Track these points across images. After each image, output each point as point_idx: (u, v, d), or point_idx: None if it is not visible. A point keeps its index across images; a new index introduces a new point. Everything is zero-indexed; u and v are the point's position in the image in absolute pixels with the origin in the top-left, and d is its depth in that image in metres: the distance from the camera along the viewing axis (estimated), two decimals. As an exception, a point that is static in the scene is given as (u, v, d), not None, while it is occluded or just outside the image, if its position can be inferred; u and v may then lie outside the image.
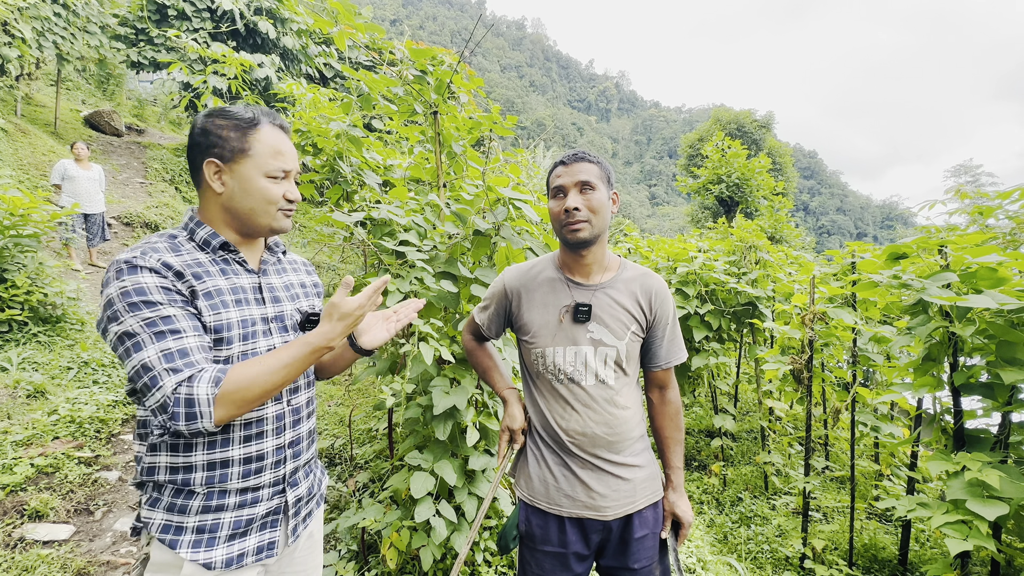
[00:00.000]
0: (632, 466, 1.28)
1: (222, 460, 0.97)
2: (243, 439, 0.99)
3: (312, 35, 10.20)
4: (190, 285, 0.94)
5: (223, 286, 1.00)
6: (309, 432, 1.15)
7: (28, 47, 7.86)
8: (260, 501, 1.02)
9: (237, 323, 0.99)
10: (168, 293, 0.91)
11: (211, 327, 0.95)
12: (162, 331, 0.88)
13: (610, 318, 1.27)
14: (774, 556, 2.95)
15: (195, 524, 0.96)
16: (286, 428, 1.06)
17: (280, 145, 1.03)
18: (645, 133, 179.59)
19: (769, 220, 11.30)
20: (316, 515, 1.20)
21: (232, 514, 0.99)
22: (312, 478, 1.17)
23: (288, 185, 1.05)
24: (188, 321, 0.91)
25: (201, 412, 0.86)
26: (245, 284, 1.05)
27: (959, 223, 2.63)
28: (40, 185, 7.25)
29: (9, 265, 4.03)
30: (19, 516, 2.35)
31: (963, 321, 1.86)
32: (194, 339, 0.91)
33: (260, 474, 1.01)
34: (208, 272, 0.99)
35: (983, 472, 1.72)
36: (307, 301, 1.19)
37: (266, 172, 1.00)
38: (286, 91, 3.23)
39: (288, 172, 1.04)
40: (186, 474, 0.95)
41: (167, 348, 0.87)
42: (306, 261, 1.29)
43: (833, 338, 2.91)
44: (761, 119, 23.94)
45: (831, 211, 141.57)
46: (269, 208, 1.02)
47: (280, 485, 1.05)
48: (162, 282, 0.91)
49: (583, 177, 1.23)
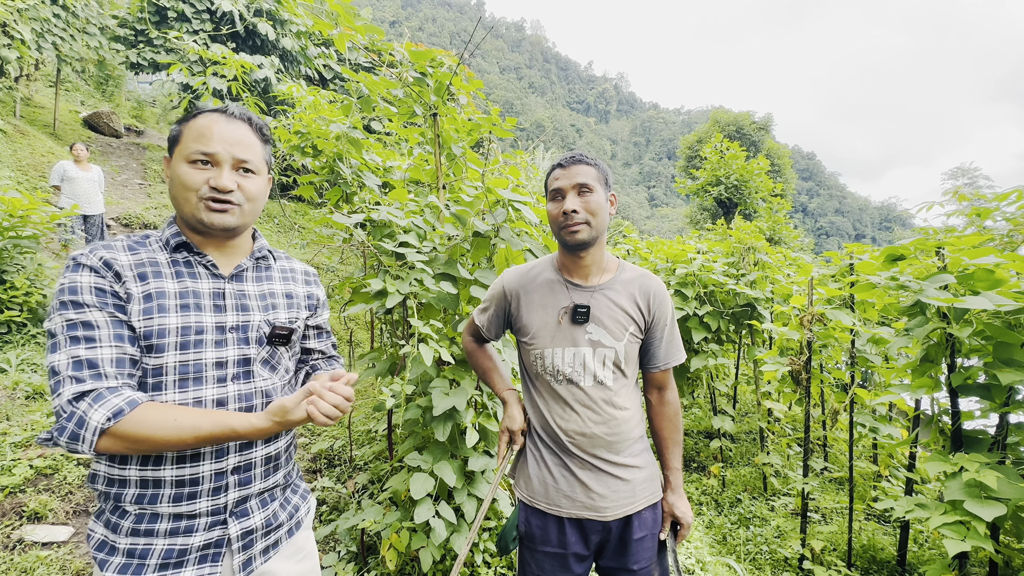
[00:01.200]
0: (631, 467, 1.29)
1: (154, 479, 0.89)
2: (176, 459, 0.90)
3: (311, 37, 10.21)
4: (127, 288, 0.89)
5: (169, 289, 0.93)
6: (267, 458, 1.01)
7: (27, 48, 7.86)
8: (196, 531, 0.92)
9: (175, 330, 0.91)
10: (100, 295, 0.87)
11: (140, 332, 0.89)
12: (78, 336, 0.84)
13: (609, 319, 1.27)
14: (773, 557, 2.95)
15: (126, 546, 0.89)
16: (229, 452, 0.95)
17: (206, 128, 0.94)
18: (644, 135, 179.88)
19: (768, 221, 11.33)
20: (288, 546, 1.06)
21: (164, 541, 0.90)
22: (271, 508, 1.03)
23: (215, 172, 0.94)
24: (111, 329, 0.86)
25: (84, 437, 0.80)
26: (203, 289, 0.96)
27: (957, 225, 2.64)
28: (39, 186, 7.25)
29: (8, 266, 4.02)
30: (18, 518, 2.35)
31: (960, 322, 1.87)
32: (110, 350, 0.85)
33: (194, 500, 0.91)
34: (159, 274, 0.93)
35: (981, 473, 1.73)
36: (288, 313, 1.07)
37: (186, 157, 0.93)
38: (286, 93, 3.23)
39: (211, 155, 0.93)
40: (120, 488, 0.89)
41: (77, 355, 0.83)
42: (309, 271, 1.19)
43: (831, 339, 2.92)
44: (760, 121, 24.00)
45: (829, 212, 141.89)
46: (188, 196, 0.93)
47: (221, 515, 0.94)
48: (97, 282, 0.87)
49: (581, 179, 1.24)
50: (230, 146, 0.95)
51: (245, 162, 0.97)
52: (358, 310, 1.93)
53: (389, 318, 2.68)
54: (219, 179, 0.93)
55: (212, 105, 1.01)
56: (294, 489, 1.13)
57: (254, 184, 0.99)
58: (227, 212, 0.95)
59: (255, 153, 0.99)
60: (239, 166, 0.97)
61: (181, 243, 0.97)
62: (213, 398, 0.93)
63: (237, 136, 0.96)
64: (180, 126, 0.96)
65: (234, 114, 0.98)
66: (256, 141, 1.00)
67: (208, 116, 0.96)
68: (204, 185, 0.93)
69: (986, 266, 1.89)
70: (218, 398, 0.94)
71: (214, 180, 0.93)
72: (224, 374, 0.95)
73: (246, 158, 0.97)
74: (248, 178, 0.98)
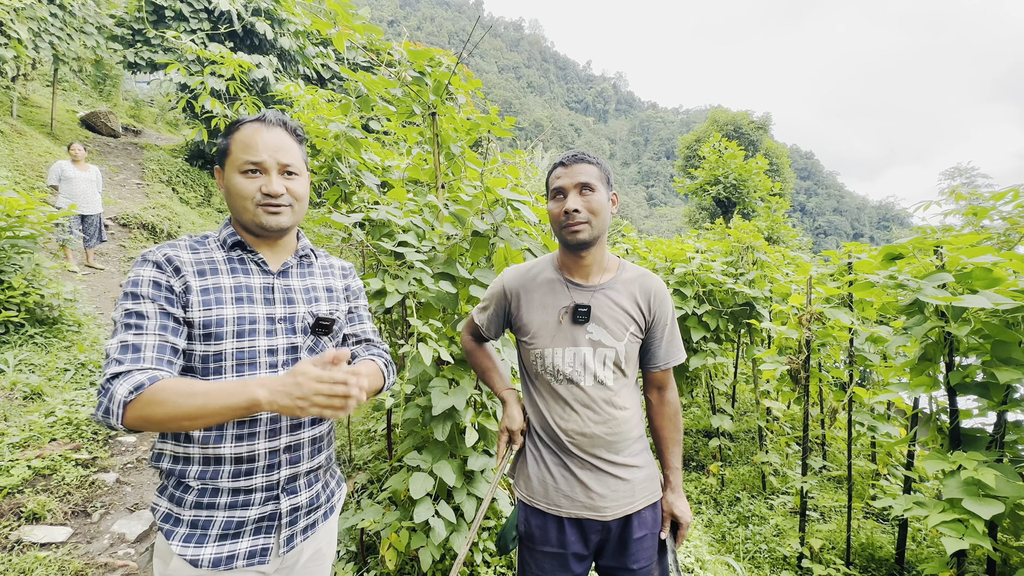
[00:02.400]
0: (631, 466, 1.29)
1: (215, 456, 0.97)
2: (235, 437, 0.99)
3: (309, 36, 10.19)
4: (185, 281, 0.98)
5: (226, 284, 1.02)
6: (313, 440, 1.10)
7: (24, 48, 7.83)
8: (252, 504, 1.00)
9: (232, 319, 0.99)
10: (157, 288, 0.95)
11: (199, 322, 0.97)
12: (129, 324, 0.92)
13: (609, 319, 1.27)
14: (772, 555, 2.96)
15: (190, 518, 0.98)
16: (282, 431, 1.04)
17: (251, 139, 1.02)
18: (642, 134, 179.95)
19: (766, 221, 11.34)
20: (323, 528, 1.15)
21: (224, 513, 0.98)
22: (316, 489, 1.12)
23: (265, 179, 1.02)
24: (158, 319, 0.94)
25: (111, 410, 0.86)
26: (255, 283, 1.06)
27: (954, 224, 2.64)
28: (37, 186, 7.22)
29: (6, 266, 4.01)
30: (16, 518, 2.34)
31: (959, 321, 1.88)
32: (154, 337, 0.93)
33: (251, 476, 1.00)
34: (216, 270, 1.02)
35: (979, 471, 1.73)
36: (329, 305, 1.17)
37: (238, 168, 1.02)
38: (284, 92, 3.22)
39: (259, 164, 1.01)
40: (184, 465, 0.98)
41: (125, 340, 0.91)
42: (346, 265, 1.28)
43: (830, 338, 2.92)
44: (758, 120, 24.03)
45: (828, 212, 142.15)
46: (245, 204, 1.02)
47: (274, 491, 1.03)
48: (158, 276, 0.96)
49: (583, 179, 1.24)
50: (274, 152, 1.03)
51: (288, 165, 1.05)
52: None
53: (388, 317, 2.68)
54: (270, 185, 1.02)
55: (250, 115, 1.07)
56: (332, 473, 1.22)
57: (299, 184, 1.08)
58: (280, 213, 1.04)
59: (295, 156, 1.07)
60: (284, 170, 1.05)
61: (236, 242, 1.06)
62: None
63: (278, 142, 1.04)
64: (227, 139, 1.04)
65: (271, 121, 1.05)
66: (294, 144, 1.08)
67: (250, 126, 1.03)
68: (257, 192, 1.02)
69: (984, 265, 1.90)
70: None
71: (266, 187, 1.02)
72: (275, 360, 1.04)
73: (289, 162, 1.05)
74: (293, 180, 1.06)
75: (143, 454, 3.14)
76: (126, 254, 7.07)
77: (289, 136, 1.07)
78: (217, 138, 9.05)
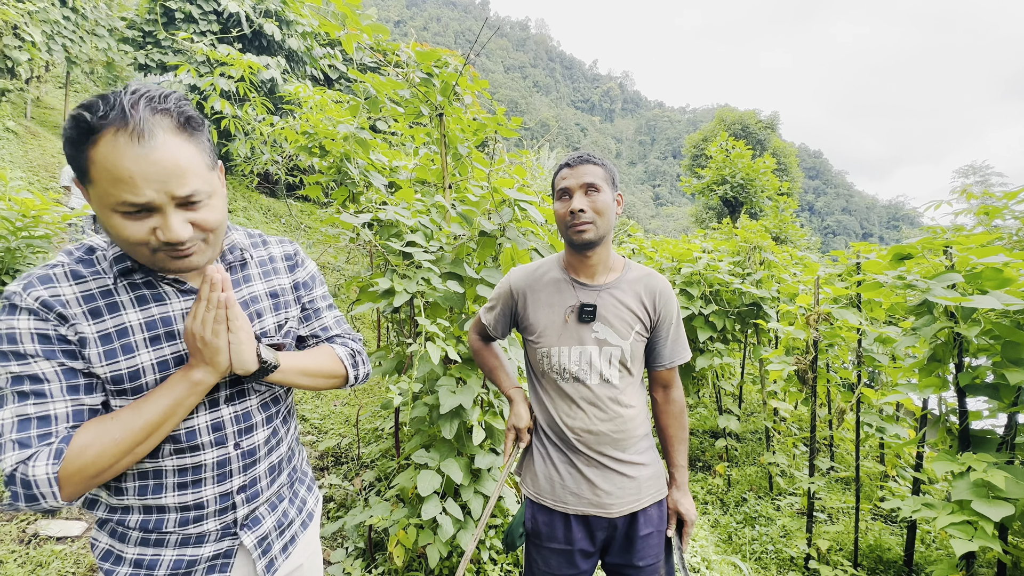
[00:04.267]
0: (637, 464, 1.30)
1: (158, 506, 0.83)
2: (177, 486, 0.83)
3: (317, 37, 10.26)
4: (77, 331, 0.75)
5: (132, 322, 0.79)
6: (271, 468, 0.96)
7: (38, 50, 7.96)
8: (205, 542, 0.87)
9: (151, 367, 0.79)
10: (45, 342, 0.73)
11: (107, 378, 0.77)
12: (25, 391, 0.72)
13: (615, 318, 1.28)
14: (779, 556, 2.95)
15: (134, 556, 0.84)
16: (232, 474, 0.89)
17: (119, 167, 0.67)
18: (649, 133, 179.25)
19: (774, 220, 11.27)
20: (302, 541, 1.03)
21: (173, 552, 0.85)
22: (283, 507, 0.99)
23: (158, 220, 0.71)
24: (62, 381, 0.74)
25: (42, 493, 0.70)
26: (174, 311, 0.82)
27: (965, 224, 2.62)
28: (50, 187, 7.34)
29: (22, 266, 4.06)
30: (32, 512, 2.39)
31: (968, 322, 1.87)
32: (64, 404, 0.74)
33: (201, 522, 0.86)
34: (115, 305, 0.78)
35: (989, 473, 1.72)
36: (276, 316, 0.95)
37: (111, 206, 0.70)
38: (292, 93, 3.26)
39: (144, 205, 0.69)
40: (123, 514, 0.84)
41: (24, 413, 0.72)
42: (290, 252, 1.03)
43: (838, 339, 2.91)
44: (766, 119, 23.85)
45: (836, 211, 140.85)
46: (138, 250, 0.73)
47: (231, 529, 0.90)
48: (39, 327, 0.73)
49: (588, 179, 1.25)
50: (163, 183, 0.70)
51: (190, 196, 0.73)
52: (365, 309, 1.95)
53: (396, 317, 2.70)
54: (168, 232, 0.72)
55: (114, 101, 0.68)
56: (301, 479, 1.08)
57: (210, 212, 0.76)
58: (191, 255, 0.76)
59: (195, 172, 0.73)
60: (183, 201, 0.73)
61: (128, 268, 0.79)
62: (207, 423, 0.85)
63: (163, 165, 0.69)
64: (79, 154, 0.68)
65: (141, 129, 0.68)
66: (188, 149, 0.73)
67: (110, 144, 0.67)
68: (152, 238, 0.72)
69: (994, 265, 1.88)
70: (212, 423, 0.86)
71: (164, 234, 0.72)
72: (216, 397, 0.86)
73: (189, 191, 0.72)
74: (200, 209, 0.75)
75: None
76: (137, 254, 7.15)
77: (179, 141, 0.72)
78: (225, 139, 9.12)
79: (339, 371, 1.01)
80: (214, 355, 0.77)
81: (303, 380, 0.93)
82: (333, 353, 1.02)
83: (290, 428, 1.04)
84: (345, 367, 1.03)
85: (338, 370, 1.01)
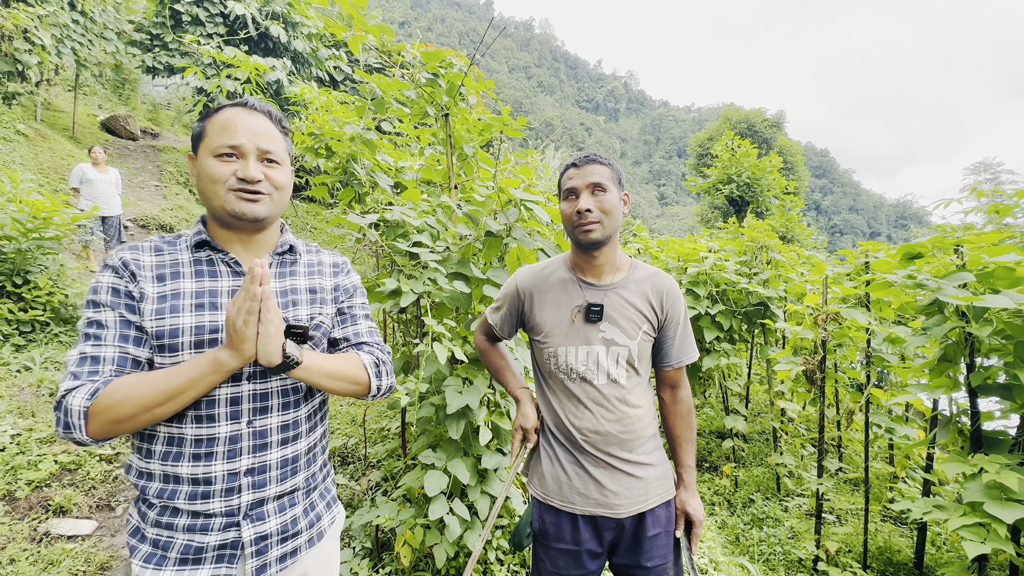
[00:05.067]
0: (645, 464, 1.29)
1: (174, 475, 0.90)
2: (191, 456, 0.90)
3: (322, 39, 10.31)
4: (141, 288, 0.91)
5: (186, 289, 0.93)
6: (284, 461, 0.98)
7: (48, 54, 8.05)
8: (211, 530, 0.92)
9: (188, 329, 0.91)
10: (115, 295, 0.90)
11: (152, 332, 0.90)
12: (88, 334, 0.88)
13: (622, 318, 1.28)
14: (787, 558, 2.93)
15: (152, 535, 0.92)
16: (242, 453, 0.93)
17: (229, 122, 0.93)
18: (654, 133, 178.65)
19: (780, 219, 11.19)
20: (307, 557, 1.03)
21: (183, 536, 0.91)
22: (292, 513, 1.00)
23: (241, 164, 0.93)
24: (117, 329, 0.88)
25: (72, 423, 0.81)
26: (222, 287, 0.95)
27: (975, 222, 2.59)
28: (60, 189, 7.42)
29: (32, 267, 4.13)
30: (44, 511, 2.42)
31: (980, 321, 1.84)
32: (112, 348, 0.87)
33: (208, 500, 0.91)
34: (178, 274, 0.94)
35: (1001, 474, 1.70)
36: (311, 308, 1.04)
37: (213, 151, 0.93)
38: (298, 95, 3.27)
39: (236, 148, 0.93)
40: (147, 481, 0.92)
41: (84, 352, 0.87)
42: (339, 262, 1.16)
43: (846, 339, 2.88)
44: (772, 118, 23.70)
45: (843, 210, 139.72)
46: (215, 188, 0.92)
47: (234, 517, 0.93)
48: (115, 282, 0.90)
49: (595, 179, 1.25)
50: (254, 137, 0.94)
51: (269, 152, 0.96)
52: (371, 309, 1.96)
53: (402, 317, 2.71)
54: (247, 170, 0.93)
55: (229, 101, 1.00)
56: (322, 494, 1.10)
57: (280, 174, 0.99)
58: (257, 202, 0.95)
59: (278, 144, 0.99)
60: (264, 156, 0.96)
61: (202, 241, 0.97)
62: (227, 395, 0.93)
63: (260, 127, 0.96)
64: (203, 123, 0.96)
65: (255, 107, 0.98)
66: (277, 133, 1.00)
67: (230, 110, 0.95)
68: (231, 176, 0.92)
69: (1006, 264, 1.86)
70: (231, 395, 0.93)
71: (241, 171, 0.93)
72: (240, 372, 0.94)
73: (270, 148, 0.96)
74: (274, 168, 0.98)
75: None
76: (145, 255, 7.22)
77: (273, 125, 0.99)
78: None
79: (362, 378, 1.05)
80: (241, 342, 0.86)
81: (325, 381, 0.98)
82: (358, 360, 1.06)
83: (314, 431, 1.07)
84: (368, 375, 1.07)
85: (361, 376, 1.05)
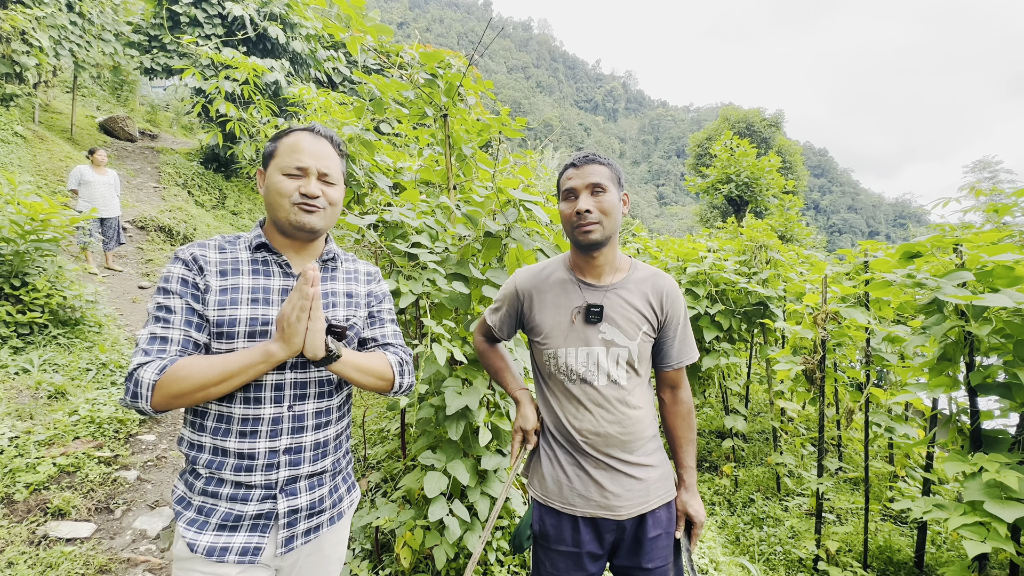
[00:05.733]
0: (645, 466, 1.29)
1: (222, 448, 1.03)
2: (239, 433, 1.03)
3: (320, 40, 10.30)
4: (206, 281, 1.05)
5: (244, 285, 1.07)
6: (316, 444, 1.12)
7: (46, 55, 8.04)
8: (250, 500, 1.04)
9: (244, 320, 1.04)
10: (184, 284, 1.03)
11: (214, 320, 1.03)
12: (159, 317, 1.01)
13: (622, 319, 1.28)
14: (787, 558, 2.93)
15: (198, 503, 1.04)
16: (282, 433, 1.06)
17: (298, 145, 1.09)
18: (653, 133, 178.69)
19: (779, 219, 11.20)
20: (327, 533, 1.16)
21: (225, 504, 1.03)
22: (319, 492, 1.13)
23: (304, 182, 1.09)
24: (183, 315, 1.01)
25: (140, 394, 0.93)
26: (274, 286, 1.10)
27: (974, 221, 2.59)
28: (58, 190, 7.40)
29: (30, 269, 4.12)
30: (43, 514, 2.41)
31: (979, 320, 1.84)
32: (179, 331, 1.00)
33: (251, 472, 1.04)
34: (238, 271, 1.08)
35: (1001, 473, 1.70)
36: (347, 311, 1.19)
37: (282, 169, 1.08)
38: (297, 96, 3.26)
39: (304, 169, 1.08)
40: (197, 452, 1.04)
41: (154, 332, 0.99)
42: (372, 271, 1.30)
43: (846, 338, 2.89)
44: (770, 117, 23.74)
45: (842, 209, 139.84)
46: (281, 201, 1.07)
47: (272, 490, 1.06)
48: (185, 273, 1.04)
49: (594, 179, 1.24)
50: (317, 160, 1.10)
51: (327, 175, 1.11)
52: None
53: (401, 318, 2.70)
54: (308, 187, 1.08)
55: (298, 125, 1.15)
56: (344, 479, 1.24)
57: (335, 191, 1.14)
58: (314, 213, 1.10)
59: (335, 167, 1.14)
60: (323, 177, 1.11)
61: (261, 244, 1.12)
62: (273, 382, 1.06)
63: (322, 151, 1.12)
64: (275, 143, 1.12)
65: (319, 132, 1.13)
66: (336, 156, 1.15)
67: (298, 135, 1.11)
68: (295, 192, 1.08)
69: (1005, 263, 1.86)
70: (276, 382, 1.06)
71: (304, 188, 1.08)
72: (284, 362, 1.06)
73: (328, 171, 1.12)
74: (330, 187, 1.13)
75: (163, 452, 3.20)
76: (144, 256, 7.21)
77: (333, 149, 1.15)
78: (231, 142, 9.20)
79: (387, 374, 1.18)
80: (292, 336, 0.99)
81: (357, 375, 1.11)
82: (385, 359, 1.19)
83: (342, 420, 1.21)
84: (393, 372, 1.20)
85: (387, 373, 1.18)
